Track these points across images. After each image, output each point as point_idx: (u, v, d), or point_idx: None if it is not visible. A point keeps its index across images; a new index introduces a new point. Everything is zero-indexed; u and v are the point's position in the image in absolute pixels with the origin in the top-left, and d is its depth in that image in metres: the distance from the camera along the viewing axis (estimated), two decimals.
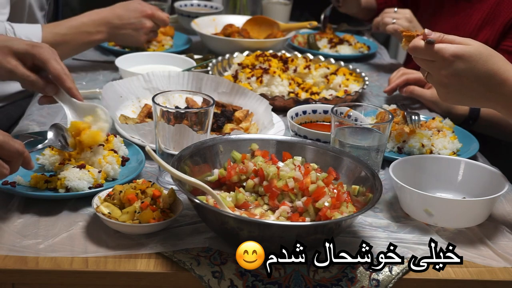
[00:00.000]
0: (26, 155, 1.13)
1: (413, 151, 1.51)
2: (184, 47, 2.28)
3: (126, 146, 1.39)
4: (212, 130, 1.53)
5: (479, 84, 1.19)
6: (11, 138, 1.10)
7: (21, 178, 1.23)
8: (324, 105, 1.63)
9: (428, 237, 1.19)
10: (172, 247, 1.10)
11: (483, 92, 1.20)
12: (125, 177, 1.29)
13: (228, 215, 1.06)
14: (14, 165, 1.11)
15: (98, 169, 1.27)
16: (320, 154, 1.27)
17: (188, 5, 2.69)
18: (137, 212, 1.12)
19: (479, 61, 1.18)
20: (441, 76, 1.21)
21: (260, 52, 2.01)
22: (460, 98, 1.24)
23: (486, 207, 1.24)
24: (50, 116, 1.62)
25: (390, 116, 1.34)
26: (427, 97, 1.83)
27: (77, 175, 1.22)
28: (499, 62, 1.19)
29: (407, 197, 1.25)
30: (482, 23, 2.08)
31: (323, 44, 2.40)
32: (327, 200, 1.10)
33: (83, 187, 1.22)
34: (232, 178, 1.21)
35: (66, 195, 1.21)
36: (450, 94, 1.23)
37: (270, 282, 1.05)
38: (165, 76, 1.70)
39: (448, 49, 1.18)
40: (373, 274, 1.09)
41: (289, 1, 2.70)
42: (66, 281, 1.05)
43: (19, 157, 1.11)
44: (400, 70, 1.92)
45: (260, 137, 1.31)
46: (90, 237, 1.12)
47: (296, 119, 1.58)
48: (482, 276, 1.11)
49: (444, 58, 1.18)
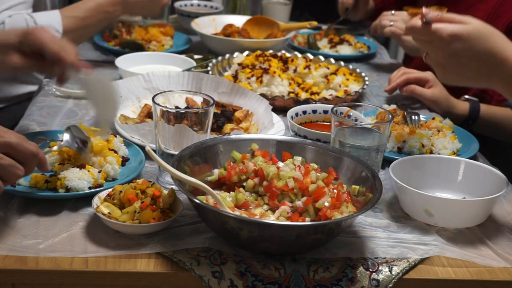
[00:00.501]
0: (41, 156, 1.12)
1: (413, 151, 1.51)
2: (184, 47, 2.28)
3: (126, 146, 1.39)
4: (212, 130, 1.53)
5: (479, 64, 1.17)
6: (26, 140, 1.09)
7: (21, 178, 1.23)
8: (324, 105, 1.63)
9: (428, 237, 1.19)
10: (172, 247, 1.10)
11: (482, 72, 1.18)
12: (125, 177, 1.29)
13: (228, 215, 1.06)
14: (29, 166, 1.10)
15: (98, 169, 1.27)
16: (320, 154, 1.27)
17: (188, 5, 2.69)
18: (137, 212, 1.12)
19: (478, 41, 1.16)
20: (439, 56, 1.19)
21: (260, 52, 2.01)
22: (458, 78, 1.22)
23: (486, 207, 1.24)
24: (50, 116, 1.62)
25: (390, 116, 1.34)
26: (427, 97, 1.83)
27: (77, 175, 1.22)
28: (500, 40, 1.17)
29: (407, 197, 1.25)
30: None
31: (323, 44, 2.40)
32: (327, 200, 1.10)
33: (83, 187, 1.22)
34: (232, 178, 1.21)
35: (66, 195, 1.21)
36: (448, 74, 1.22)
37: (270, 282, 1.05)
38: (165, 76, 1.70)
39: (446, 29, 1.16)
40: (373, 274, 1.09)
41: (289, 1, 2.70)
42: (66, 281, 1.05)
43: (34, 159, 1.10)
44: (400, 69, 1.92)
45: (260, 137, 1.31)
46: (90, 237, 1.12)
47: (296, 119, 1.58)
48: (482, 276, 1.11)
49: (442, 38, 1.16)
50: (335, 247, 1.14)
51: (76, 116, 1.64)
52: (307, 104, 1.68)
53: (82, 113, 1.66)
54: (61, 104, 1.71)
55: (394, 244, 1.16)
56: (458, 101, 1.85)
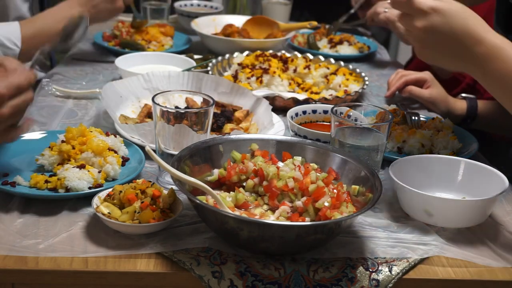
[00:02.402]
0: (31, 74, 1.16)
1: (413, 151, 1.51)
2: (184, 47, 2.28)
3: (126, 146, 1.39)
4: (212, 130, 1.53)
5: (455, 41, 1.18)
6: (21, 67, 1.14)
7: (21, 178, 1.23)
8: (324, 105, 1.63)
9: (428, 237, 1.19)
10: (172, 247, 1.10)
11: (457, 51, 1.19)
12: (125, 177, 1.29)
13: (228, 215, 1.06)
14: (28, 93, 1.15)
15: (98, 169, 1.27)
16: (320, 154, 1.27)
17: (188, 5, 2.70)
18: (137, 212, 1.12)
19: (456, 17, 1.17)
20: (417, 30, 1.20)
21: (260, 52, 2.01)
22: (434, 54, 1.23)
23: (486, 207, 1.24)
24: (50, 116, 1.62)
25: (390, 116, 1.34)
26: (426, 97, 1.83)
27: (77, 175, 1.22)
28: (478, 22, 1.19)
29: (407, 197, 1.25)
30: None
31: (323, 44, 2.40)
32: (327, 200, 1.10)
33: (83, 187, 1.22)
34: (232, 178, 1.21)
35: (66, 195, 1.21)
36: (424, 50, 1.23)
37: (270, 282, 1.05)
38: (165, 76, 1.70)
39: (426, 2, 1.19)
40: (373, 274, 1.09)
41: (289, 1, 2.70)
42: (66, 281, 1.05)
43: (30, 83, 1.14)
44: (398, 72, 1.93)
45: (260, 137, 1.31)
46: (90, 237, 1.12)
47: (296, 119, 1.58)
48: (482, 276, 1.11)
49: (422, 10, 1.18)
50: (335, 247, 1.14)
51: (76, 116, 1.64)
52: (307, 104, 1.68)
53: (82, 113, 1.66)
54: (61, 104, 1.71)
55: (394, 244, 1.16)
56: (456, 100, 1.85)
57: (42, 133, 1.43)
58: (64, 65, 2.04)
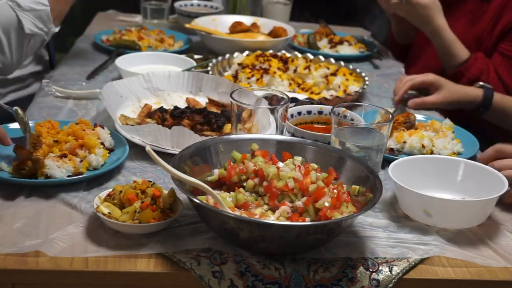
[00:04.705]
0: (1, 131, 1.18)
1: (413, 151, 1.51)
2: (184, 47, 2.28)
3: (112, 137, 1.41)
4: (212, 130, 1.53)
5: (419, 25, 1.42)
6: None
7: (4, 164, 1.28)
8: (319, 105, 1.63)
9: (428, 237, 1.19)
10: (172, 247, 1.10)
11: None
12: (109, 165, 1.32)
13: (228, 215, 1.06)
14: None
15: (80, 159, 1.30)
16: (320, 154, 1.27)
17: (188, 5, 2.69)
18: (137, 212, 1.12)
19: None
20: None
21: (260, 52, 2.01)
22: None
23: (485, 208, 1.24)
24: (50, 116, 1.62)
25: (390, 116, 1.34)
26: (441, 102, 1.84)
27: (57, 164, 1.25)
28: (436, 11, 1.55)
29: (406, 197, 1.25)
30: (493, 25, 2.09)
31: (323, 44, 2.40)
32: (327, 200, 1.10)
33: (62, 175, 1.25)
34: (232, 178, 1.21)
35: (44, 181, 1.24)
36: None
37: (270, 282, 1.05)
38: (165, 76, 1.70)
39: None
40: (373, 274, 1.09)
41: (289, 1, 2.70)
42: (66, 281, 1.05)
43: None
44: (402, 79, 1.94)
45: (260, 137, 1.31)
46: (90, 237, 1.12)
47: (291, 121, 1.58)
48: (482, 276, 1.11)
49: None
50: (335, 247, 1.14)
51: (76, 116, 1.63)
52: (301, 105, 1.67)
53: (82, 113, 1.66)
54: (61, 104, 1.71)
55: (394, 244, 1.16)
56: (472, 88, 1.86)
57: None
58: (64, 65, 2.04)
